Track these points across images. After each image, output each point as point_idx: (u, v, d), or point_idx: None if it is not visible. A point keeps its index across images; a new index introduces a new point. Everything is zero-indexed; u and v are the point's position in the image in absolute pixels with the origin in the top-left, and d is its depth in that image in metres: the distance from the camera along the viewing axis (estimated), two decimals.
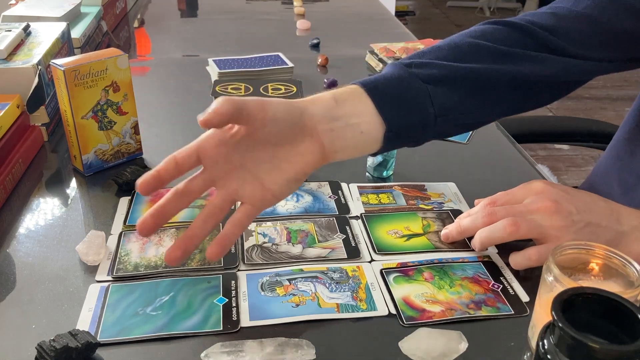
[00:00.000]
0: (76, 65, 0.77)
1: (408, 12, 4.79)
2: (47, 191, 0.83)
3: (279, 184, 0.59)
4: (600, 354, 0.38)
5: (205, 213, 0.58)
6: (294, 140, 0.59)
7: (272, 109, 0.58)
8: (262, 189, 0.58)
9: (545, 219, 0.64)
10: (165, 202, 0.57)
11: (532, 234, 0.64)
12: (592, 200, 0.66)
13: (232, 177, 0.58)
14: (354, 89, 0.65)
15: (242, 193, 0.58)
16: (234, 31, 1.52)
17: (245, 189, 0.58)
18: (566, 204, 0.65)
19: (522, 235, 0.64)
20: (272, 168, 0.59)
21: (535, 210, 0.65)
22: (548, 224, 0.64)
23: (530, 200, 0.66)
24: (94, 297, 0.61)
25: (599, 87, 3.49)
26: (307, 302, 0.61)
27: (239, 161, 0.58)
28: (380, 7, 1.81)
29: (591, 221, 0.64)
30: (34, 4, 1.25)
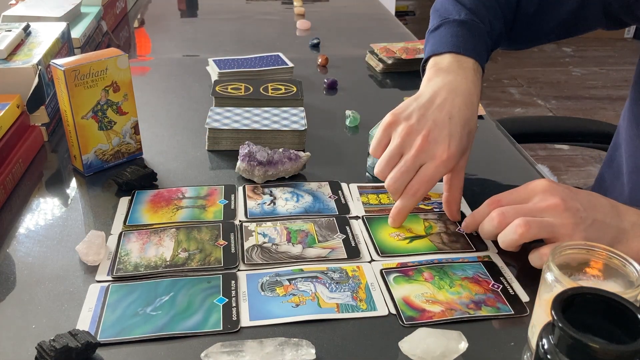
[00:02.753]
0: (76, 65, 0.77)
1: (408, 12, 4.78)
2: (47, 191, 0.83)
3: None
4: (600, 354, 0.38)
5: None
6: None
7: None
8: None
9: (556, 217, 0.64)
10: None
11: (543, 234, 0.64)
12: (594, 197, 0.67)
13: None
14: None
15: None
16: (234, 31, 1.52)
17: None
18: (572, 201, 0.65)
19: (534, 235, 0.64)
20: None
21: (545, 209, 0.65)
22: (558, 222, 0.63)
23: (538, 199, 0.66)
24: (94, 297, 0.61)
25: (599, 87, 3.49)
26: (307, 302, 0.61)
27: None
28: (380, 7, 1.81)
29: (597, 218, 0.64)
30: (34, 4, 1.25)
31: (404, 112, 0.72)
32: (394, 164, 0.71)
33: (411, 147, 0.70)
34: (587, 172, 2.63)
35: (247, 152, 0.81)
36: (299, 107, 0.96)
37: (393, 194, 0.72)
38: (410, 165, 0.70)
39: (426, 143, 0.69)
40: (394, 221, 0.73)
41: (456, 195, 0.74)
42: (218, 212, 0.76)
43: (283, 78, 1.14)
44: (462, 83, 0.74)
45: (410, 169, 0.70)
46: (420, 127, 0.70)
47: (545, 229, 0.64)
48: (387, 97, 1.15)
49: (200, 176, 0.85)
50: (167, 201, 0.78)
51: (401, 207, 0.72)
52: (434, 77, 0.76)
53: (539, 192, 0.67)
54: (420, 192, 0.70)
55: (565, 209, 0.64)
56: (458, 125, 0.71)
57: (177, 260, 0.67)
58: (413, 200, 0.71)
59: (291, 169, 0.83)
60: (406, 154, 0.70)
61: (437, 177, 0.70)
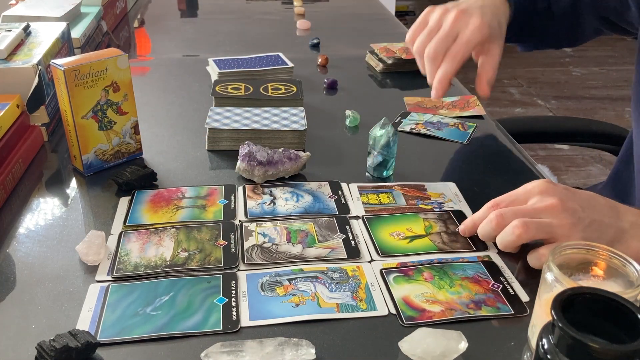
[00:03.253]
0: (76, 65, 0.77)
1: (408, 12, 4.78)
2: (47, 191, 0.83)
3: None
4: (600, 354, 0.38)
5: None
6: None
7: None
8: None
9: (554, 218, 0.64)
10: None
11: (541, 235, 0.64)
12: (592, 197, 0.67)
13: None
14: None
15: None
16: (234, 31, 1.52)
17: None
18: (570, 202, 0.65)
19: (532, 237, 0.64)
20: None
21: (543, 210, 0.65)
22: (556, 223, 0.64)
23: (536, 200, 0.66)
24: (94, 297, 0.61)
25: (599, 87, 3.49)
26: (307, 302, 0.61)
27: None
28: (380, 7, 1.81)
29: (595, 218, 0.64)
30: (34, 4, 1.25)
31: (441, 5, 0.84)
32: (433, 35, 0.81)
33: (448, 18, 0.80)
34: (587, 172, 2.63)
35: (247, 152, 0.81)
36: (299, 107, 0.96)
37: (434, 59, 0.80)
38: (449, 31, 0.80)
39: (461, 14, 0.80)
40: (438, 90, 0.80)
41: (489, 69, 0.84)
42: (218, 212, 0.76)
43: (283, 78, 1.14)
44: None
45: (449, 35, 0.80)
46: (455, 7, 0.82)
47: (543, 230, 0.64)
48: (387, 97, 1.15)
49: (200, 176, 0.85)
50: (167, 201, 0.78)
51: (444, 73, 0.80)
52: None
53: (537, 193, 0.67)
54: (460, 54, 0.80)
55: (563, 210, 0.64)
56: (489, 10, 0.82)
57: (177, 260, 0.67)
58: (455, 64, 0.80)
59: (291, 169, 0.83)
60: (444, 24, 0.80)
61: (474, 40, 0.80)
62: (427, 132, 0.96)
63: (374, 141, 0.83)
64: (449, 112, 1.05)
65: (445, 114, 1.04)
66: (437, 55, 0.80)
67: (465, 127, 0.97)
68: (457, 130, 0.96)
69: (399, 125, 0.99)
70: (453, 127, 0.97)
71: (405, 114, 1.02)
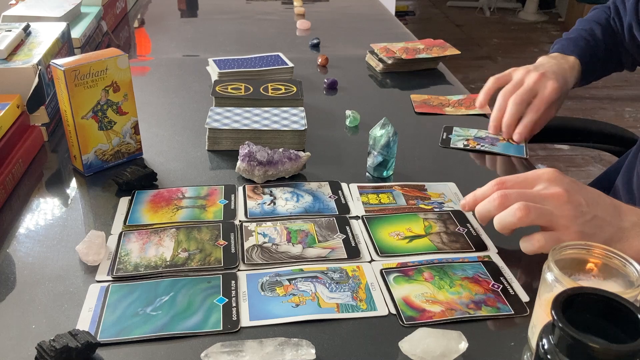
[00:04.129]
0: (76, 65, 0.77)
1: (408, 12, 4.79)
2: (47, 191, 0.83)
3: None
4: (600, 354, 0.38)
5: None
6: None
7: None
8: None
9: (557, 207, 0.64)
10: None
11: (541, 221, 0.64)
12: (598, 195, 0.67)
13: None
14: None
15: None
16: (234, 31, 1.52)
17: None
18: (576, 195, 0.65)
19: (532, 221, 0.64)
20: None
21: (548, 197, 0.65)
22: (558, 212, 0.64)
23: (543, 187, 0.67)
24: (94, 297, 0.61)
25: (599, 87, 3.48)
26: (307, 302, 0.61)
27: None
28: (380, 7, 1.81)
29: (597, 214, 0.64)
30: (34, 4, 1.25)
31: (524, 66, 0.99)
32: (517, 88, 0.94)
33: (530, 77, 0.94)
34: (587, 172, 2.63)
35: (247, 152, 0.81)
36: (299, 107, 0.96)
37: (519, 104, 0.93)
38: (532, 87, 0.93)
39: (542, 76, 0.94)
40: (522, 134, 0.93)
41: (536, 128, 0.96)
42: (218, 212, 0.76)
43: (283, 78, 1.14)
44: (561, 63, 1.01)
45: (532, 90, 0.93)
46: (535, 69, 0.96)
47: (544, 217, 0.64)
48: (387, 97, 1.15)
49: (200, 176, 0.85)
50: (167, 201, 0.78)
51: (529, 120, 0.93)
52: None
53: (545, 180, 0.67)
54: (541, 108, 0.93)
55: (567, 201, 0.64)
56: (561, 77, 0.96)
57: (177, 260, 0.67)
58: (536, 115, 0.93)
59: (291, 169, 0.83)
60: (527, 81, 0.94)
61: (551, 99, 0.93)
62: (483, 149, 0.92)
63: (374, 141, 0.83)
64: (455, 110, 1.05)
65: (452, 112, 1.05)
66: (522, 102, 0.93)
67: (512, 140, 0.96)
68: (510, 145, 0.93)
69: (448, 142, 0.94)
70: (504, 142, 0.94)
71: (449, 129, 0.98)
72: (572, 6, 4.50)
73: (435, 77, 1.23)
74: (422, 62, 1.24)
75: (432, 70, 1.25)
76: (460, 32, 4.49)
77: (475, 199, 0.70)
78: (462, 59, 3.01)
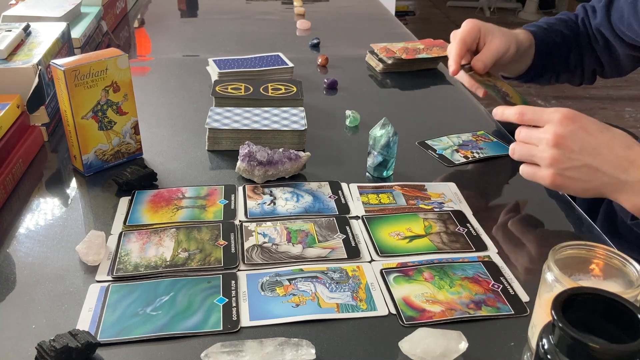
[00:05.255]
0: (76, 65, 0.77)
1: (408, 12, 4.78)
2: (47, 191, 0.83)
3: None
4: (600, 354, 0.38)
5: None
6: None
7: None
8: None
9: (543, 150, 0.69)
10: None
11: (526, 159, 0.72)
12: (607, 147, 0.67)
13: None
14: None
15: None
16: (234, 31, 1.52)
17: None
18: (571, 142, 0.68)
19: (519, 158, 0.73)
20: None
21: (541, 139, 0.69)
22: (539, 154, 0.70)
23: (546, 128, 0.69)
24: (94, 297, 0.61)
25: (599, 87, 3.48)
26: (307, 302, 0.61)
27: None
28: (380, 7, 1.81)
29: (590, 164, 0.67)
30: (34, 4, 1.25)
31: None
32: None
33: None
34: None
35: (247, 152, 0.81)
36: (299, 107, 0.96)
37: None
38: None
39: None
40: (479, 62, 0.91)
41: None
42: (218, 212, 0.76)
43: (283, 78, 1.14)
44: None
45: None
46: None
47: (527, 156, 0.72)
48: (387, 97, 1.15)
49: (200, 176, 0.85)
50: (167, 201, 0.78)
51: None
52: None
53: (555, 121, 0.69)
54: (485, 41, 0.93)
55: (554, 145, 0.68)
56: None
57: (177, 260, 0.67)
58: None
59: (291, 169, 0.83)
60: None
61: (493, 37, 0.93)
62: (480, 156, 0.91)
63: (374, 141, 0.83)
64: (431, 53, 1.22)
65: (430, 55, 1.21)
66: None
67: (489, 138, 0.96)
68: (498, 144, 0.94)
69: (445, 158, 0.90)
70: (488, 141, 0.95)
71: (424, 144, 0.94)
72: (572, 6, 4.50)
73: (435, 77, 1.23)
74: (422, 62, 1.23)
75: (432, 70, 1.25)
76: None
77: (503, 116, 0.76)
78: None
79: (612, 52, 1.03)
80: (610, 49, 1.02)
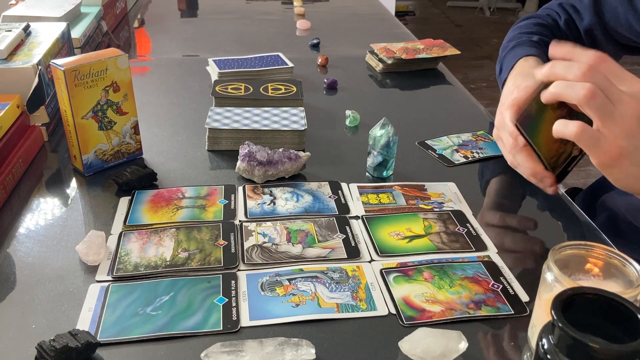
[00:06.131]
0: (76, 65, 0.77)
1: (408, 12, 4.79)
2: (47, 191, 0.83)
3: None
4: (600, 354, 0.38)
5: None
6: None
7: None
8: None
9: (622, 114, 0.58)
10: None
11: (598, 113, 0.59)
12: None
13: None
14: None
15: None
16: (234, 31, 1.52)
17: None
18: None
19: (588, 108, 0.59)
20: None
21: (624, 102, 0.58)
22: (619, 118, 0.58)
23: (628, 90, 0.59)
24: (94, 297, 0.61)
25: None
26: (307, 302, 0.61)
27: None
28: (380, 7, 1.81)
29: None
30: (34, 4, 1.25)
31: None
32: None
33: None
34: (587, 172, 2.63)
35: (247, 152, 0.81)
36: (299, 107, 0.96)
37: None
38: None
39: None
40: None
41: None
42: (218, 212, 0.76)
43: (283, 78, 1.14)
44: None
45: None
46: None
47: (603, 110, 0.58)
48: (387, 97, 1.15)
49: (200, 176, 0.85)
50: (167, 201, 0.78)
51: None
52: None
53: (638, 89, 0.59)
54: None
55: (637, 117, 0.58)
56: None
57: (177, 260, 0.67)
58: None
59: (291, 169, 0.83)
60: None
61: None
62: (480, 156, 0.90)
63: (374, 141, 0.83)
64: (431, 53, 1.21)
65: (430, 55, 1.21)
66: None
67: (489, 138, 0.95)
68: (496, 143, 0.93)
69: (445, 158, 0.90)
70: (488, 141, 0.94)
71: (424, 144, 0.94)
72: None
73: (435, 77, 1.23)
74: (422, 62, 1.23)
75: (432, 70, 1.25)
76: (460, 32, 4.49)
77: (555, 73, 0.63)
78: (462, 59, 3.02)
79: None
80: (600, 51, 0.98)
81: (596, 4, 0.93)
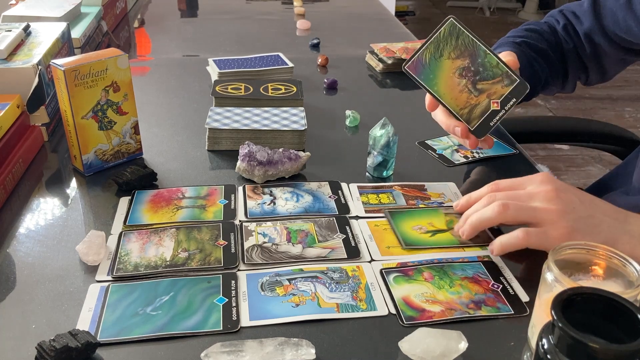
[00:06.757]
0: (76, 65, 0.77)
1: (408, 12, 4.79)
2: (47, 191, 0.83)
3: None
4: (600, 354, 0.38)
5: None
6: None
7: None
8: None
9: (544, 202, 0.64)
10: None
11: (523, 217, 0.65)
12: (597, 199, 0.66)
13: None
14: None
15: None
16: (234, 31, 1.52)
17: None
18: (569, 194, 0.65)
19: (513, 218, 0.65)
20: None
21: (536, 194, 0.65)
22: (543, 207, 0.64)
23: (532, 187, 0.67)
24: (94, 297, 0.61)
25: (599, 87, 3.47)
26: (307, 302, 0.61)
27: None
28: (380, 7, 1.81)
29: (595, 214, 0.64)
30: (34, 4, 1.25)
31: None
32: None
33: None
34: (587, 172, 2.63)
35: (247, 152, 0.81)
36: (299, 107, 0.96)
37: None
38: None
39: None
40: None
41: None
42: (218, 212, 0.76)
43: (283, 78, 1.14)
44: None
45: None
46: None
47: (525, 212, 0.64)
48: (387, 97, 1.15)
49: (200, 176, 0.85)
50: (167, 201, 0.78)
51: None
52: None
53: (537, 181, 0.67)
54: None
55: (555, 197, 0.64)
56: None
57: (177, 260, 0.67)
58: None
59: (291, 169, 0.83)
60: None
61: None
62: (480, 156, 0.90)
63: (374, 141, 0.83)
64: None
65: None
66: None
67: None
68: (496, 143, 0.92)
69: (445, 158, 0.90)
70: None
71: (424, 144, 0.94)
72: None
73: None
74: None
75: None
76: None
77: (469, 202, 0.71)
78: None
79: (601, 58, 0.98)
80: (600, 55, 0.98)
81: (595, 9, 0.94)
